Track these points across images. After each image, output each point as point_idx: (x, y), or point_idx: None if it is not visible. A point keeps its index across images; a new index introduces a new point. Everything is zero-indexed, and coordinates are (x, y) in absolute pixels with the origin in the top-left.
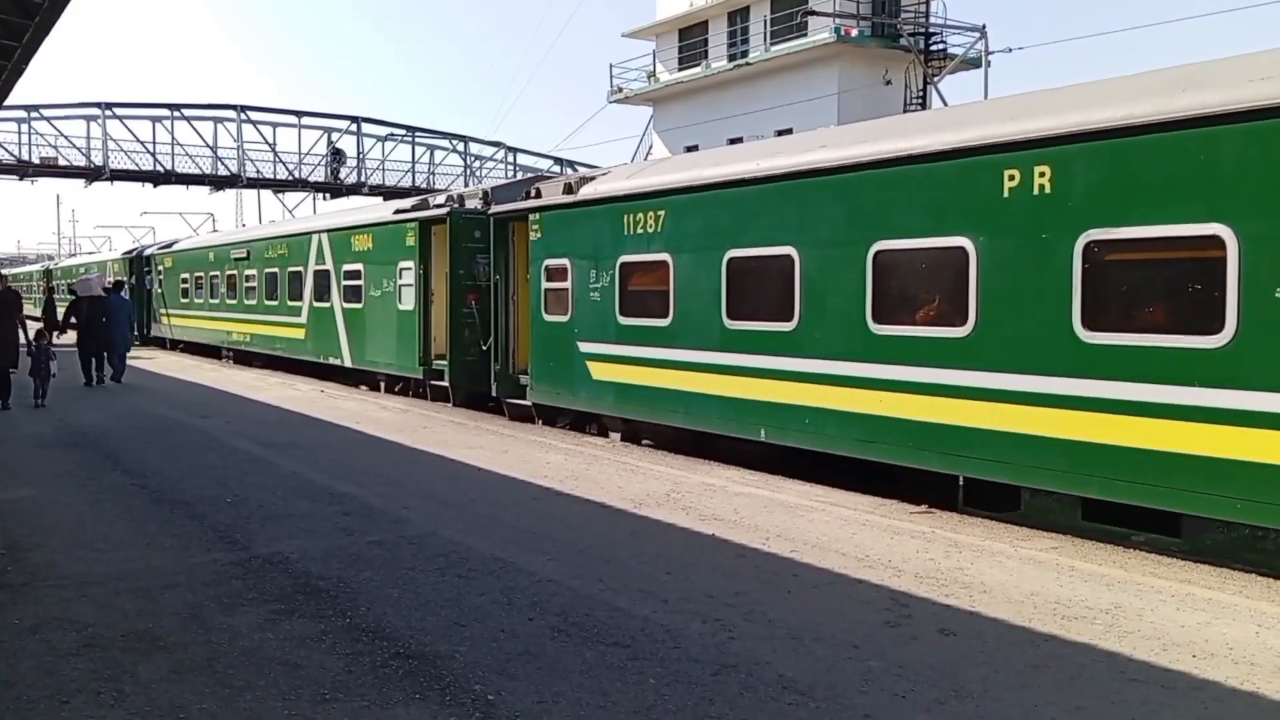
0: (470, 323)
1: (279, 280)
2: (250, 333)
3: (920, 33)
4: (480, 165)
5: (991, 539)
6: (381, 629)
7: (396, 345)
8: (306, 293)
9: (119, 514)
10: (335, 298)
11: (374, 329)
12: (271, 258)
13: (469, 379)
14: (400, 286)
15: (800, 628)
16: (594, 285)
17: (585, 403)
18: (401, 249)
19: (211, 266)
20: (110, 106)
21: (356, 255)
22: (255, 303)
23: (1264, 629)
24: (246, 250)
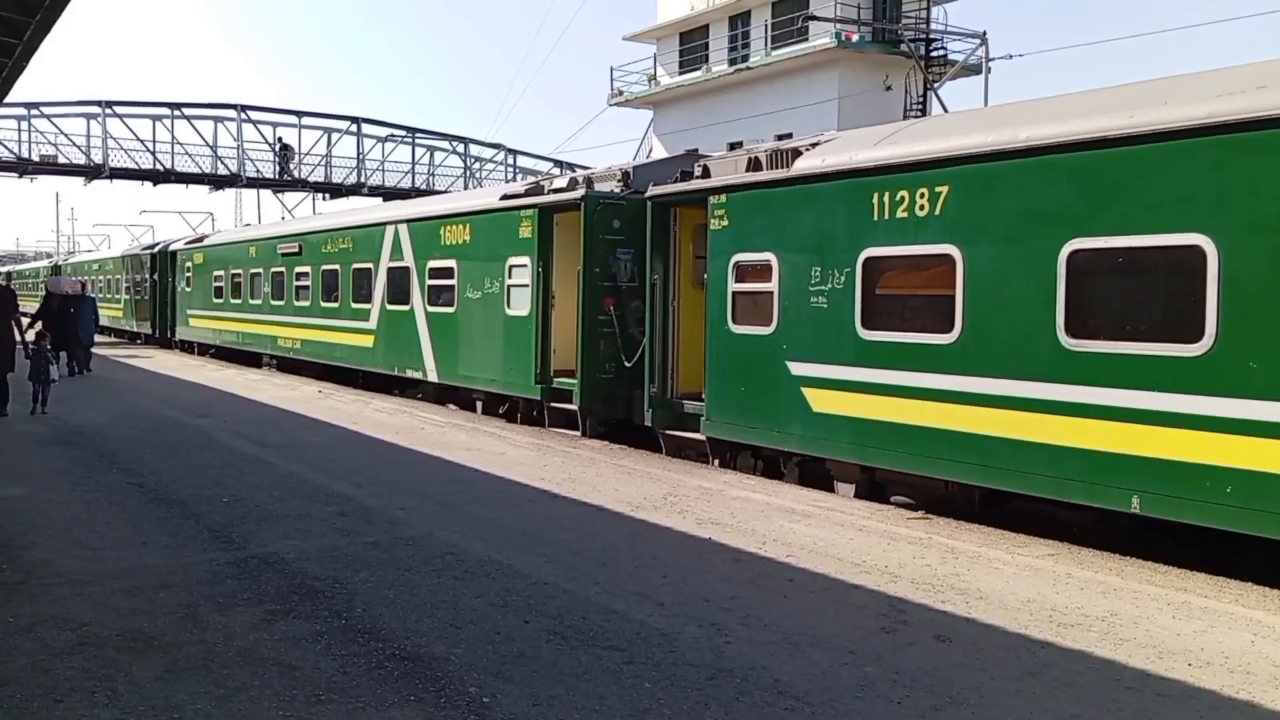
0: (607, 333)
1: (341, 279)
2: (301, 339)
3: (921, 39)
4: (480, 167)
5: (988, 545)
6: (377, 630)
7: (504, 359)
8: (377, 293)
9: (115, 513)
10: (417, 300)
11: (471, 338)
12: (331, 253)
13: (603, 403)
14: (510, 287)
15: (796, 632)
16: (817, 288)
17: (798, 441)
18: (512, 242)
19: (253, 263)
20: (110, 105)
21: (448, 250)
22: (308, 304)
23: (1260, 638)
24: (298, 244)
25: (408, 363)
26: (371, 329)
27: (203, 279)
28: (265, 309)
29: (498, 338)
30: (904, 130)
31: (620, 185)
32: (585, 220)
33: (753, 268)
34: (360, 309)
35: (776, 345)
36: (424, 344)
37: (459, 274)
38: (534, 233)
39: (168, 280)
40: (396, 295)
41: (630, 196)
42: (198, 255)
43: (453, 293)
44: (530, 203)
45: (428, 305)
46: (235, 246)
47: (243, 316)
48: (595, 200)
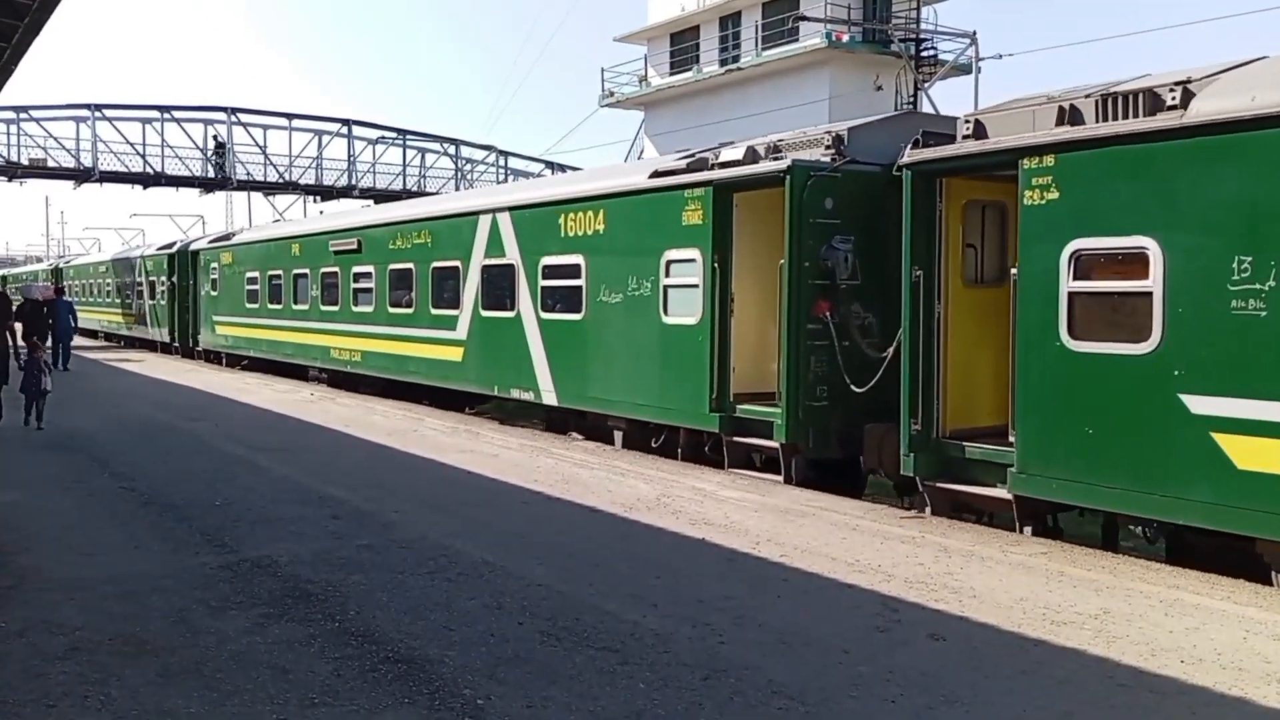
0: (819, 347)
1: (415, 280)
2: (362, 349)
3: (911, 39)
4: (472, 169)
5: (981, 544)
6: (371, 633)
7: (659, 379)
8: (468, 297)
9: (107, 517)
10: (525, 304)
11: (607, 352)
12: (401, 249)
13: (818, 439)
14: (668, 289)
15: (790, 632)
16: (1245, 288)
17: (1202, 511)
18: (671, 230)
19: (296, 262)
20: (100, 108)
21: (571, 243)
22: (371, 310)
23: (1251, 634)
24: (356, 240)
25: (512, 381)
26: (459, 339)
27: (232, 281)
28: (313, 315)
29: (649, 352)
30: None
31: (832, 154)
32: (792, 199)
33: (1110, 259)
34: (443, 316)
35: (1160, 370)
36: (536, 359)
37: (588, 272)
38: (706, 218)
39: (188, 283)
40: (495, 299)
41: (847, 167)
42: (226, 255)
43: (579, 296)
44: (700, 180)
45: (541, 311)
46: (274, 244)
47: (284, 324)
48: (805, 172)
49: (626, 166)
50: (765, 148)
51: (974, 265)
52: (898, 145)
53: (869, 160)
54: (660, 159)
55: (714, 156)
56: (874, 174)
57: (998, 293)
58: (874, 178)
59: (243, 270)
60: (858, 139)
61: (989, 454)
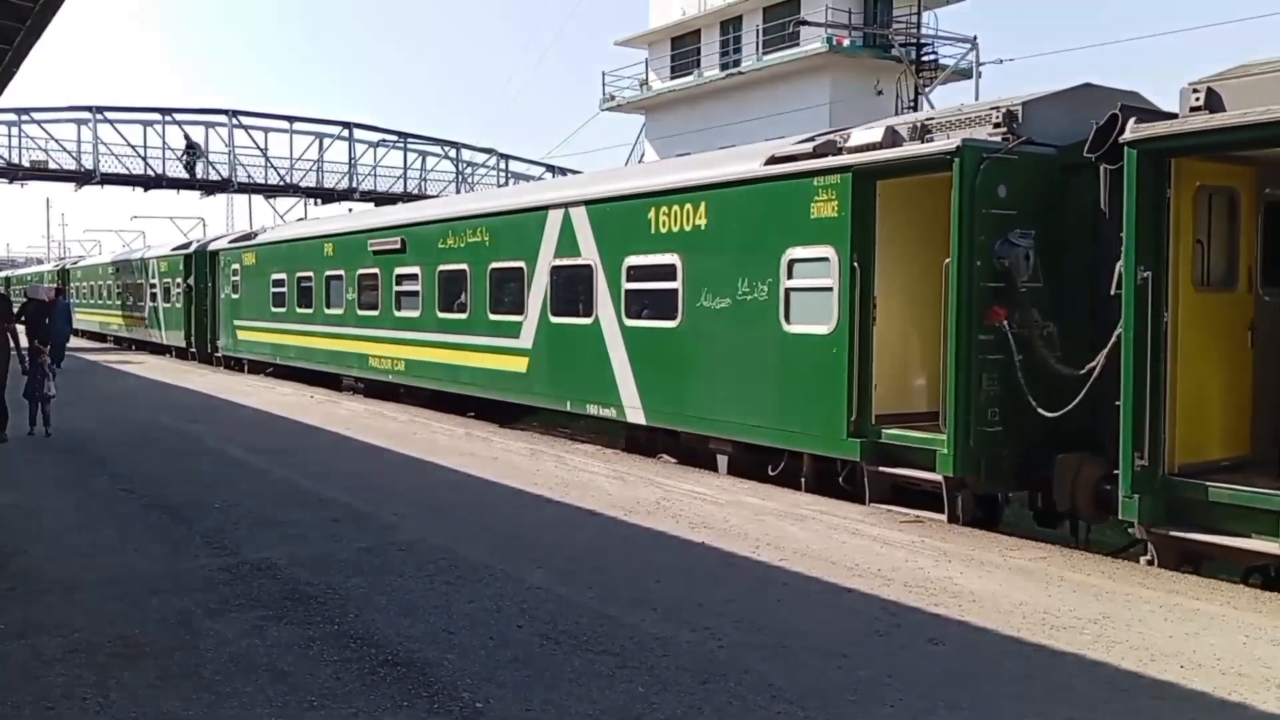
0: (993, 361)
1: (470, 282)
2: (405, 358)
3: (912, 43)
4: (473, 172)
5: (980, 549)
6: (370, 636)
7: (778, 396)
8: (534, 301)
9: (106, 519)
10: (606, 309)
11: (710, 364)
12: (453, 248)
13: (989, 470)
14: (790, 292)
15: (789, 636)
16: None
17: None
18: (797, 225)
19: (329, 263)
20: (101, 110)
21: (663, 240)
22: (417, 315)
23: (1251, 640)
24: (400, 239)
25: (589, 395)
26: (523, 349)
27: (256, 284)
28: (349, 320)
29: (765, 365)
30: None
31: (999, 133)
32: (963, 186)
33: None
34: (503, 322)
35: None
36: (619, 371)
37: (685, 274)
38: (842, 210)
39: (206, 286)
40: (567, 304)
41: (1023, 149)
42: (248, 256)
43: (673, 301)
44: (835, 166)
45: (625, 318)
46: (303, 244)
47: (315, 329)
48: (978, 154)
49: (731, 153)
50: (908, 128)
51: (1201, 264)
52: (1073, 123)
53: (1043, 140)
54: (776, 143)
55: (841, 139)
56: (1049, 157)
57: (1227, 298)
58: (1048, 161)
59: (268, 272)
60: (1033, 116)
61: (1246, 498)
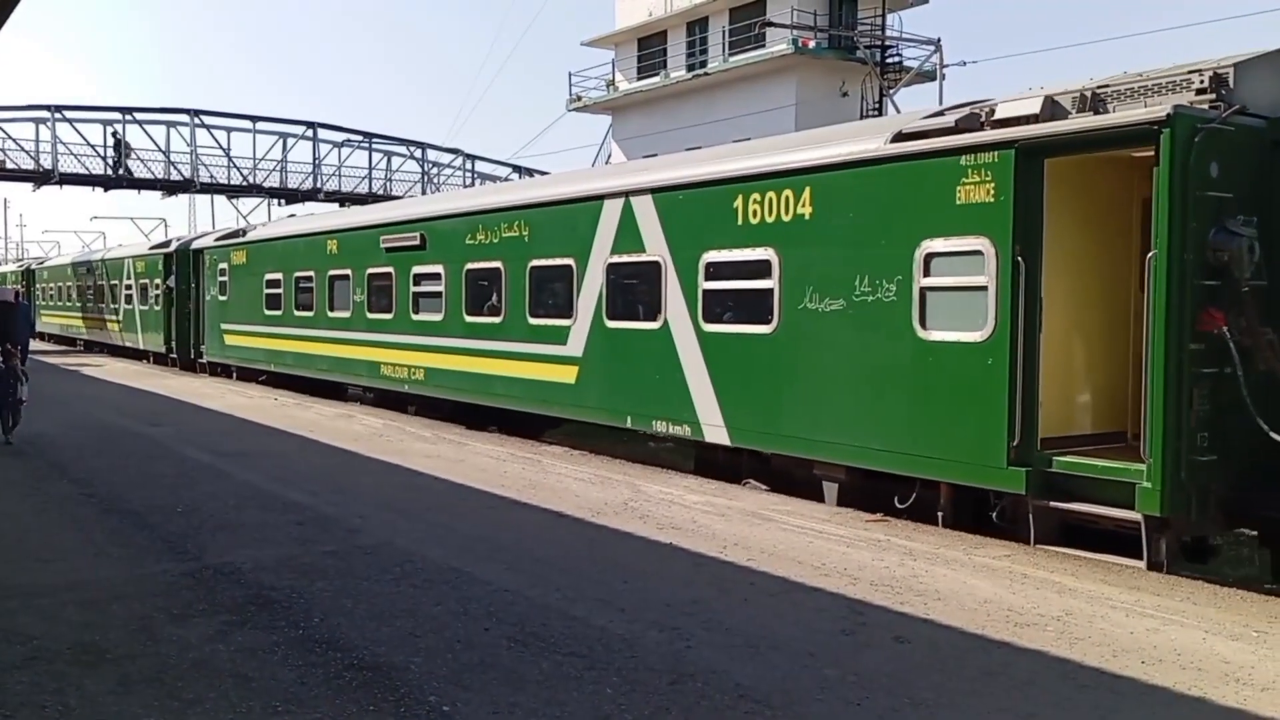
0: (1211, 375)
1: (505, 282)
2: (425, 366)
3: (876, 45)
4: (439, 172)
5: (945, 547)
6: (335, 640)
7: (911, 414)
8: (585, 304)
9: (66, 524)
10: (677, 312)
11: (817, 376)
12: (484, 244)
13: (1200, 507)
14: (927, 292)
15: (757, 636)
16: None
17: None
18: (936, 212)
19: (334, 262)
20: (60, 109)
21: (754, 233)
22: (440, 318)
23: (1211, 635)
24: (419, 235)
25: (656, 410)
26: (572, 357)
27: (246, 284)
28: (356, 324)
29: (893, 378)
30: None
31: (1206, 100)
32: (1173, 163)
33: None
34: (546, 327)
35: None
36: (694, 384)
37: (783, 271)
38: (1002, 193)
39: (189, 287)
40: (627, 306)
41: (1237, 119)
42: (238, 254)
43: (767, 302)
44: (992, 140)
45: (704, 322)
46: (302, 241)
47: (316, 334)
48: (1191, 124)
49: (843, 130)
50: (1072, 98)
51: None
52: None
53: (1256, 111)
54: (902, 117)
55: (983, 112)
56: (1258, 130)
57: None
58: (1258, 135)
59: (260, 271)
60: (1246, 80)
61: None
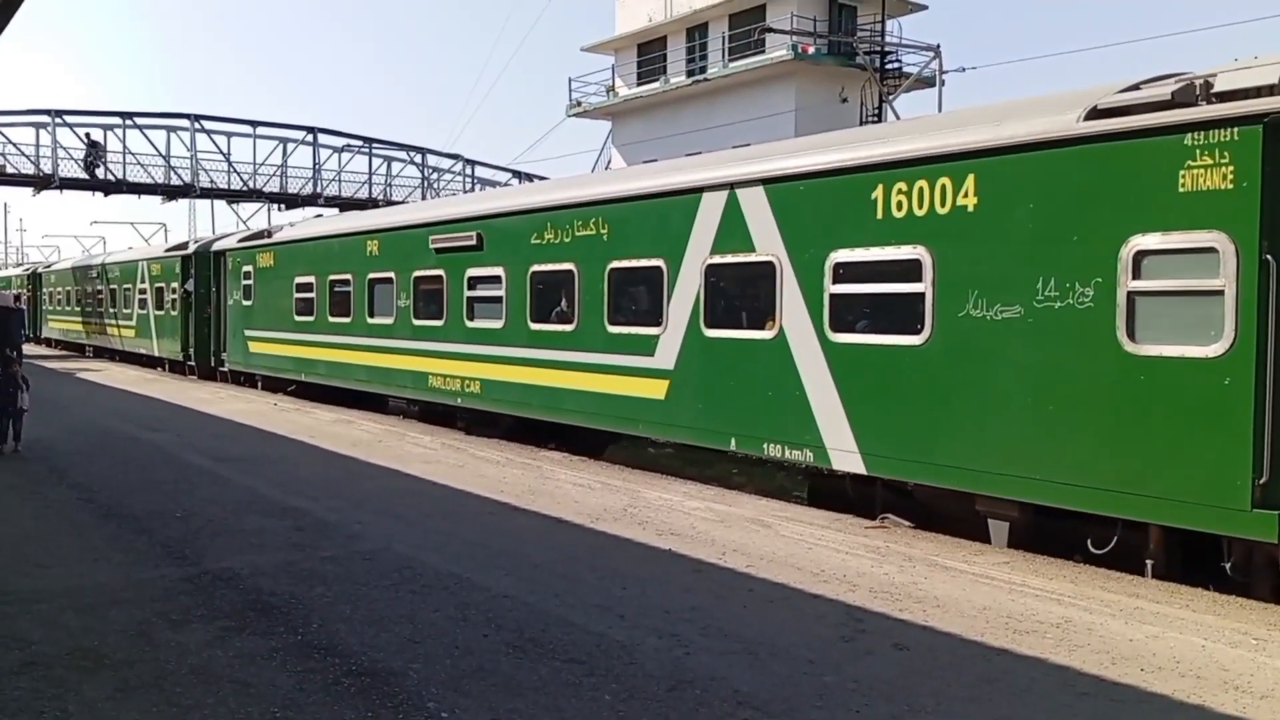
0: None
1: (579, 286)
2: (481, 378)
3: (876, 51)
4: (438, 177)
5: (944, 554)
6: (334, 646)
7: (1114, 443)
8: (678, 309)
9: (65, 529)
10: (796, 320)
11: (985, 395)
12: (553, 245)
13: None
14: (1136, 296)
15: (756, 642)
16: None
17: None
18: (1149, 202)
19: (374, 264)
20: (60, 114)
21: (898, 228)
22: (501, 325)
23: (1210, 642)
24: (475, 234)
25: (769, 431)
26: (662, 369)
27: (274, 288)
28: (400, 331)
29: (1090, 398)
30: None
31: None
32: None
33: None
34: (630, 336)
35: None
36: (818, 401)
37: (937, 273)
38: (1241, 178)
39: (209, 291)
40: (730, 312)
41: None
42: (264, 256)
43: (916, 308)
44: (1227, 115)
45: (831, 331)
46: (339, 242)
47: (354, 342)
48: None
49: (1014, 106)
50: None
51: None
52: None
53: None
54: (1090, 91)
55: (1198, 85)
56: None
57: None
58: None
59: (290, 274)
60: None
61: None
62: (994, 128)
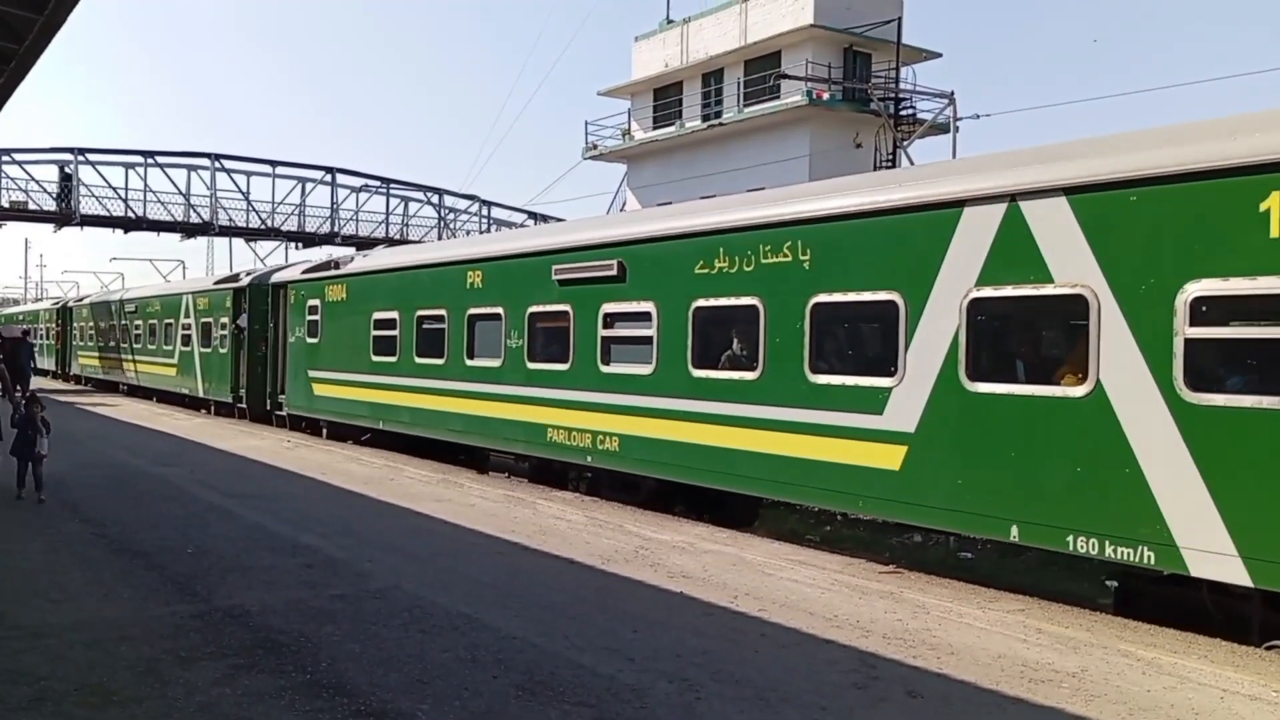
0: None
1: (764, 326)
2: (619, 433)
3: (890, 98)
4: (455, 218)
5: (959, 601)
6: (343, 685)
7: None
8: (922, 357)
9: (75, 563)
10: (1122, 372)
11: None
12: (726, 275)
13: None
14: None
15: (767, 688)
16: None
17: None
18: None
19: (476, 298)
20: (82, 151)
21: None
22: (650, 372)
23: (1229, 694)
24: (615, 263)
25: (1076, 520)
26: (898, 432)
27: (346, 325)
28: (511, 375)
29: None
30: None
31: None
32: None
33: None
34: (845, 389)
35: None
36: (1162, 481)
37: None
38: None
39: (267, 327)
40: (1005, 362)
41: None
42: (334, 289)
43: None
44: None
45: (1185, 389)
46: (430, 273)
47: (447, 387)
48: None
49: None
50: None
51: None
52: None
53: None
54: None
55: None
56: None
57: None
58: None
59: (367, 309)
60: None
61: None
62: None
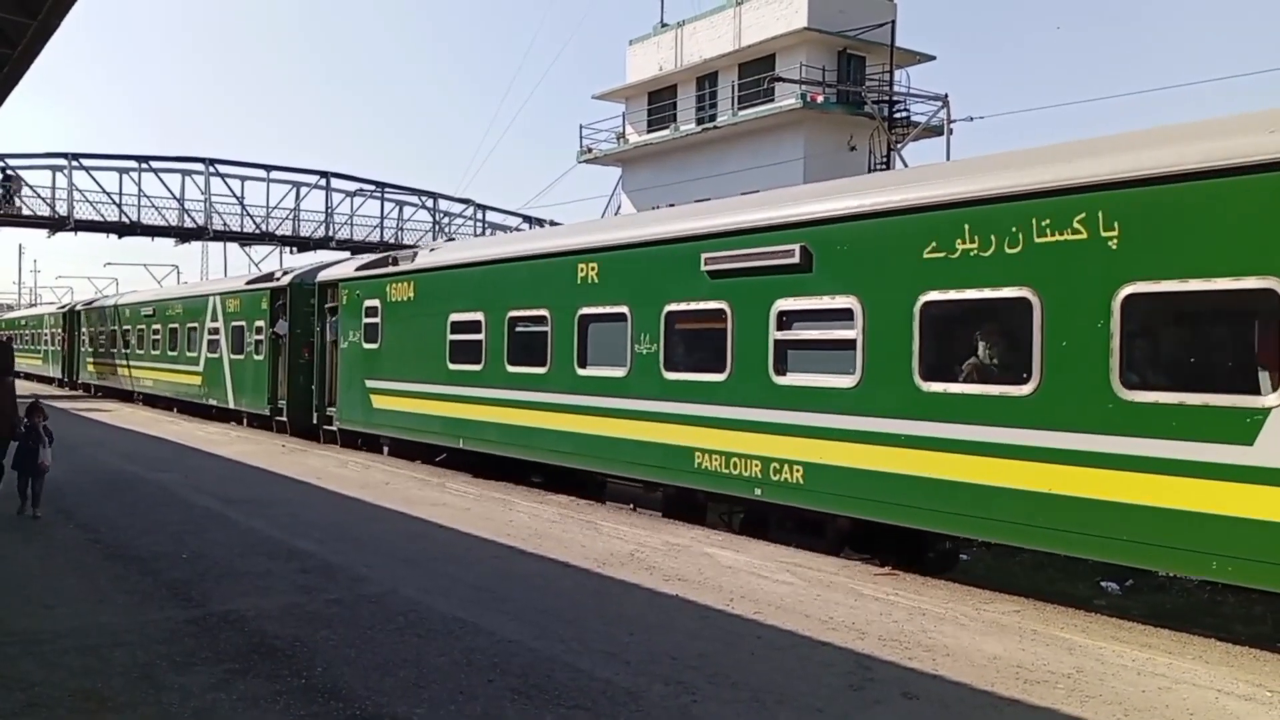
0: None
1: (1040, 325)
2: (804, 461)
3: (884, 100)
4: (449, 221)
5: (954, 602)
6: (338, 690)
7: None
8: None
9: (70, 569)
10: None
11: None
12: (972, 261)
13: None
14: None
15: (763, 690)
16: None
17: None
18: None
19: (588, 294)
20: (76, 157)
21: None
22: (853, 385)
23: (1223, 694)
24: (796, 249)
25: None
26: (1272, 469)
27: (415, 328)
28: (640, 388)
29: None
30: None
31: None
32: None
33: None
34: (1174, 409)
35: None
36: None
37: None
38: None
39: (312, 330)
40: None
41: None
42: (397, 287)
43: None
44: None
45: None
46: (524, 266)
47: (551, 400)
48: None
49: None
50: None
51: None
52: None
53: None
54: None
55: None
56: None
57: None
58: None
59: (442, 310)
60: None
61: None
62: None
